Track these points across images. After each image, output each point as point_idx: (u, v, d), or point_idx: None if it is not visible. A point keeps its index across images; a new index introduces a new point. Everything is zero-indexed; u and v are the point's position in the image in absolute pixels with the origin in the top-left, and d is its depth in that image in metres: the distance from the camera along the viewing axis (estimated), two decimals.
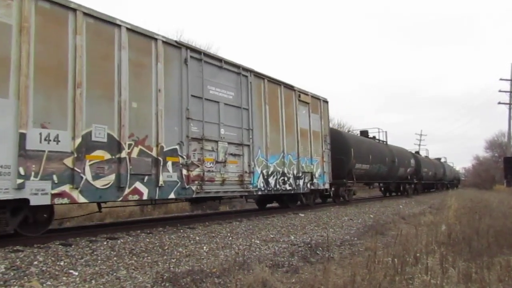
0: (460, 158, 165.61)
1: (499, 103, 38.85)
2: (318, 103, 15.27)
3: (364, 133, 23.20)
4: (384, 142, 23.99)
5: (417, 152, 37.14)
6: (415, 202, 20.81)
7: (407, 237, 7.06)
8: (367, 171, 19.53)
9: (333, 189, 16.41)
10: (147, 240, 7.28)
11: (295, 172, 13.33)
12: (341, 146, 17.09)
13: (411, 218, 12.00)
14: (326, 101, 15.95)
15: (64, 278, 4.86)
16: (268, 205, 15.72)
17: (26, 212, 6.84)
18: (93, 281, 4.75)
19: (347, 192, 17.74)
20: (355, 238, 8.25)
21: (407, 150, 29.12)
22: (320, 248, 6.89)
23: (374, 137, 23.21)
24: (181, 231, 8.46)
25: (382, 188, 27.45)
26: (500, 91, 38.22)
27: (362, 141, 20.20)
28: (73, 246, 6.43)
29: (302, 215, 12.39)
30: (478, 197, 22.93)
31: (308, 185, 14.01)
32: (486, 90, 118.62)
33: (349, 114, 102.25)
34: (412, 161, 27.39)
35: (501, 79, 38.17)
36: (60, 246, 6.44)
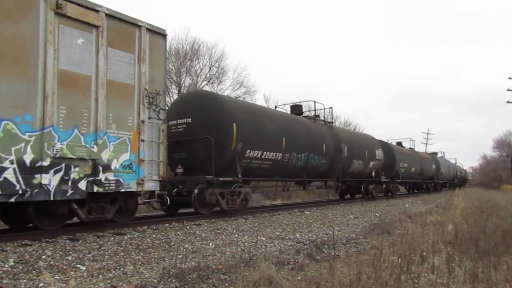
0: (468, 157, 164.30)
1: (508, 102, 38.46)
2: (133, 34, 8.22)
3: (297, 108, 16.26)
4: (329, 124, 17.02)
5: (411, 148, 30.17)
6: (421, 201, 20.71)
7: (413, 236, 7.04)
8: (275, 162, 12.30)
9: (194, 192, 9.86)
10: (154, 236, 7.33)
11: (26, 158, 6.39)
12: (212, 117, 10.50)
13: (417, 217, 11.95)
14: (159, 33, 8.77)
15: (72, 272, 4.91)
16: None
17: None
18: (100, 276, 4.80)
19: (228, 197, 10.65)
20: (361, 237, 8.25)
21: (373, 138, 21.31)
22: (326, 246, 6.90)
23: (314, 117, 16.30)
24: (187, 227, 8.51)
25: (338, 190, 19.05)
26: (508, 90, 37.81)
27: (261, 114, 12.49)
28: (80, 241, 6.49)
29: (308, 212, 12.39)
30: (485, 196, 22.78)
31: (83, 185, 7.15)
32: (494, 89, 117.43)
33: (357, 112, 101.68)
34: (379, 152, 19.98)
35: (509, 78, 37.77)
36: (68, 241, 6.51)
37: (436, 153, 39.31)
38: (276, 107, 18.28)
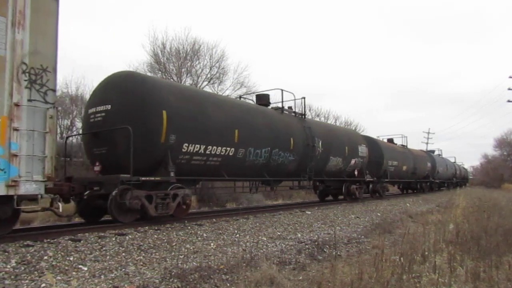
0: (469, 156, 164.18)
1: (509, 101, 38.42)
2: None
3: (263, 98, 14.00)
4: (301, 116, 14.69)
5: (404, 145, 26.92)
6: (422, 200, 20.70)
7: (414, 236, 7.05)
8: (225, 158, 10.34)
9: (111, 195, 8.06)
10: (155, 236, 7.33)
11: None
12: (135, 103, 8.68)
13: (418, 217, 11.95)
14: None
15: (73, 273, 4.92)
16: None
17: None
18: (102, 276, 4.81)
19: (159, 200, 8.78)
20: (362, 236, 8.25)
21: (355, 133, 20.80)
22: (327, 246, 6.90)
23: (281, 107, 13.91)
24: (189, 227, 8.51)
25: (310, 189, 17.82)
26: (509, 89, 37.78)
27: (205, 101, 10.35)
28: (82, 242, 6.50)
29: (309, 212, 12.39)
30: (486, 195, 22.77)
31: None
32: (495, 88, 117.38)
33: (358, 112, 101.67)
34: (363, 148, 17.95)
35: (510, 77, 37.73)
36: (70, 241, 6.51)
37: (433, 151, 37.70)
38: (240, 97, 16.55)
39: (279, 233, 8.42)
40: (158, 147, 8.74)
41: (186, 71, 25.39)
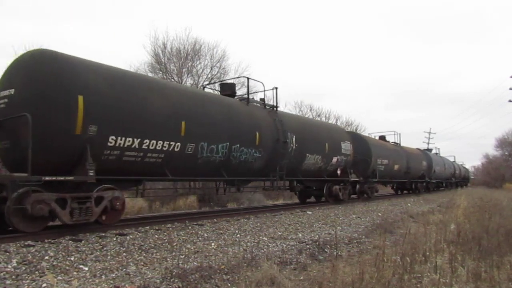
0: (470, 156, 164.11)
1: (510, 101, 38.39)
2: None
3: (228, 87, 12.56)
4: (272, 108, 13.01)
5: (396, 143, 24.88)
6: (423, 200, 20.67)
7: (415, 236, 7.04)
8: (170, 155, 8.90)
9: (11, 199, 6.67)
10: (156, 236, 7.33)
11: None
12: (42, 86, 7.18)
13: (419, 217, 11.94)
14: None
15: (74, 273, 4.92)
16: None
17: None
18: (103, 276, 4.81)
19: (75, 205, 7.33)
20: (363, 236, 8.24)
21: (338, 127, 19.40)
22: (328, 246, 6.89)
23: (246, 98, 12.29)
24: (190, 227, 8.51)
25: (298, 191, 16.45)
26: (510, 88, 37.74)
27: (141, 85, 8.80)
28: (83, 242, 6.50)
29: (310, 212, 12.39)
30: (487, 195, 22.74)
31: None
32: (496, 87, 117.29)
33: (358, 111, 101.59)
34: (347, 145, 16.36)
35: (511, 77, 37.68)
36: (71, 241, 6.52)
37: (430, 150, 35.74)
38: (204, 87, 14.91)
39: (280, 233, 8.41)
40: (72, 140, 7.18)
41: (187, 71, 25.42)
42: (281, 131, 12.37)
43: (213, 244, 6.98)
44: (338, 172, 15.89)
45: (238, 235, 7.93)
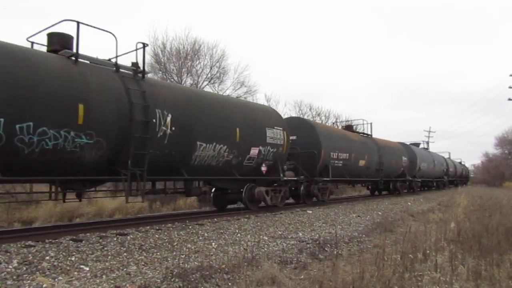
0: (470, 155, 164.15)
1: (510, 99, 38.40)
2: None
3: (59, 40, 8.06)
4: (133, 73, 8.95)
5: (367, 134, 20.75)
6: (423, 199, 20.69)
7: (415, 234, 7.04)
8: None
9: None
10: (156, 236, 7.34)
11: None
12: None
13: (419, 216, 11.95)
14: None
15: (75, 273, 4.92)
16: None
17: None
18: (103, 276, 4.81)
19: None
20: (364, 235, 8.24)
21: (266, 108, 13.94)
22: (328, 245, 6.90)
23: (75, 54, 7.78)
24: (190, 227, 8.52)
25: (214, 196, 12.59)
26: (510, 87, 37.73)
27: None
28: (83, 242, 6.51)
29: (310, 212, 12.39)
30: (487, 194, 22.76)
31: None
32: (496, 86, 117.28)
33: (358, 111, 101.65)
34: (277, 133, 12.26)
35: (511, 75, 37.68)
36: (71, 241, 6.52)
37: (417, 144, 31.31)
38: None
39: (280, 232, 8.42)
40: None
41: (186, 71, 25.43)
42: (141, 107, 8.33)
43: (213, 243, 6.99)
44: (263, 168, 11.88)
45: (239, 235, 7.94)
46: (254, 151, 11.37)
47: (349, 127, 20.37)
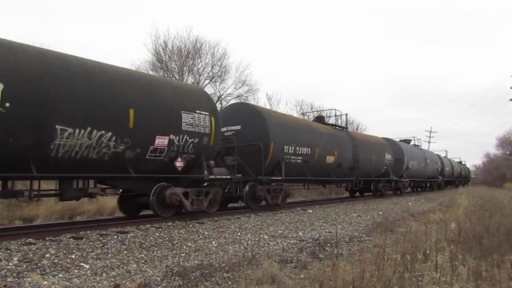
0: (471, 155, 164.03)
1: (511, 100, 38.39)
2: None
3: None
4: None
5: (339, 126, 18.08)
6: (424, 199, 20.67)
7: (416, 234, 7.04)
8: None
9: None
10: (157, 234, 7.34)
11: None
12: None
13: (420, 216, 11.94)
14: None
15: (75, 270, 4.93)
16: None
17: None
18: (104, 274, 4.82)
19: None
20: (364, 235, 8.24)
21: (181, 85, 11.79)
22: (329, 244, 6.90)
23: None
24: (190, 226, 8.52)
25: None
26: (511, 87, 37.72)
27: None
28: (84, 240, 6.51)
29: (311, 211, 12.39)
30: (488, 194, 22.72)
31: None
32: (498, 87, 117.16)
33: (359, 111, 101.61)
34: (201, 118, 9.66)
35: None
36: (72, 239, 6.52)
37: (408, 141, 27.80)
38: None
39: (280, 232, 8.42)
40: None
41: (188, 69, 25.46)
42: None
43: (213, 242, 6.99)
44: (178, 164, 9.25)
45: (239, 234, 7.94)
46: (161, 141, 8.73)
47: (320, 119, 17.44)
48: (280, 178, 12.28)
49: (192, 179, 9.77)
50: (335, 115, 18.73)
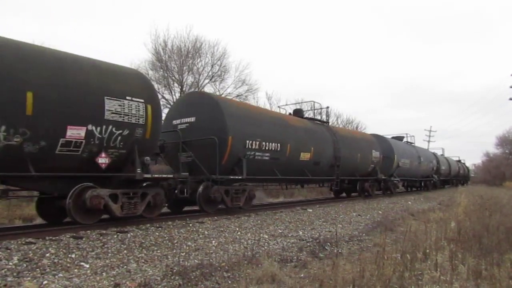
0: (470, 154, 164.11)
1: (510, 99, 38.36)
2: None
3: None
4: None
5: (312, 118, 16.78)
6: (424, 198, 20.67)
7: (416, 233, 7.05)
8: None
9: None
10: (157, 234, 7.34)
11: None
12: None
13: (420, 215, 11.94)
14: None
15: (75, 270, 4.93)
16: None
17: None
18: (104, 274, 4.82)
19: None
20: (364, 234, 8.24)
21: (131, 76, 8.74)
22: (329, 244, 6.91)
23: None
24: (190, 225, 8.52)
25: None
26: (511, 87, 37.69)
27: None
28: (84, 239, 6.51)
29: (310, 210, 12.39)
30: (488, 193, 22.73)
31: None
32: (498, 86, 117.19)
33: (359, 111, 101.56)
34: (137, 108, 8.16)
35: None
36: (71, 238, 6.52)
37: (401, 138, 25.75)
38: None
39: (280, 231, 8.42)
40: None
41: (187, 69, 25.44)
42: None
43: (213, 241, 6.99)
44: (101, 161, 7.82)
45: (239, 233, 7.94)
46: (75, 133, 7.22)
47: (298, 112, 15.88)
48: (240, 177, 10.77)
49: (124, 178, 8.26)
50: (313, 109, 16.88)
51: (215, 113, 10.54)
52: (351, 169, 16.93)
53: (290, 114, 15.99)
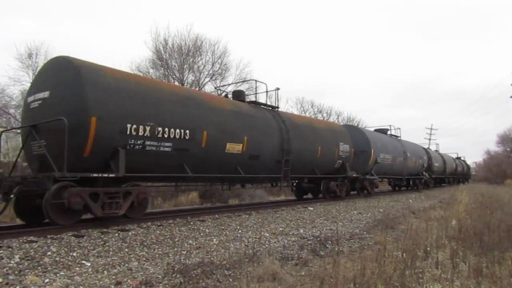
0: (472, 153, 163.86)
1: (511, 97, 38.31)
2: None
3: None
4: None
5: (274, 108, 13.29)
6: (424, 196, 20.66)
7: (417, 231, 7.04)
8: None
9: None
10: (158, 232, 7.35)
11: None
12: None
13: (421, 213, 11.94)
14: None
15: (77, 268, 4.94)
16: None
17: None
18: (105, 272, 4.83)
19: None
20: (365, 232, 8.25)
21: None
22: (330, 242, 6.91)
23: None
24: (191, 223, 8.53)
25: None
26: None
27: None
28: (85, 237, 6.52)
29: (311, 208, 12.40)
30: (489, 191, 22.70)
31: None
32: (499, 84, 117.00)
33: (360, 109, 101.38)
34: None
35: None
36: (73, 237, 6.54)
37: (385, 131, 22.37)
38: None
39: (281, 229, 8.42)
40: None
41: (188, 67, 25.41)
42: None
43: (214, 239, 7.00)
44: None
45: (240, 231, 7.95)
46: None
47: (238, 94, 12.84)
48: (113, 175, 7.76)
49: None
50: (255, 92, 13.65)
51: (73, 84, 7.55)
52: (308, 165, 13.85)
53: (226, 96, 13.38)
